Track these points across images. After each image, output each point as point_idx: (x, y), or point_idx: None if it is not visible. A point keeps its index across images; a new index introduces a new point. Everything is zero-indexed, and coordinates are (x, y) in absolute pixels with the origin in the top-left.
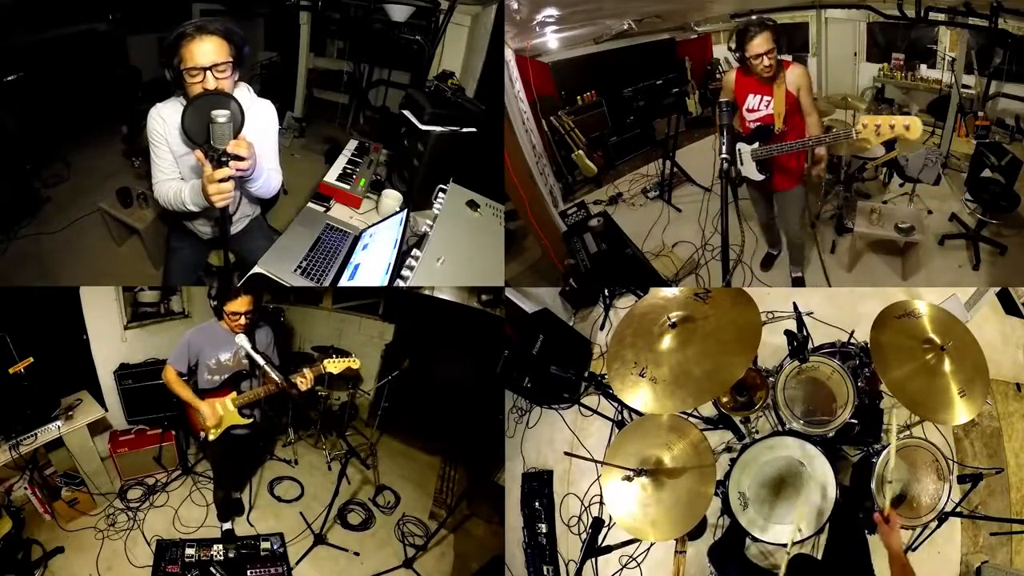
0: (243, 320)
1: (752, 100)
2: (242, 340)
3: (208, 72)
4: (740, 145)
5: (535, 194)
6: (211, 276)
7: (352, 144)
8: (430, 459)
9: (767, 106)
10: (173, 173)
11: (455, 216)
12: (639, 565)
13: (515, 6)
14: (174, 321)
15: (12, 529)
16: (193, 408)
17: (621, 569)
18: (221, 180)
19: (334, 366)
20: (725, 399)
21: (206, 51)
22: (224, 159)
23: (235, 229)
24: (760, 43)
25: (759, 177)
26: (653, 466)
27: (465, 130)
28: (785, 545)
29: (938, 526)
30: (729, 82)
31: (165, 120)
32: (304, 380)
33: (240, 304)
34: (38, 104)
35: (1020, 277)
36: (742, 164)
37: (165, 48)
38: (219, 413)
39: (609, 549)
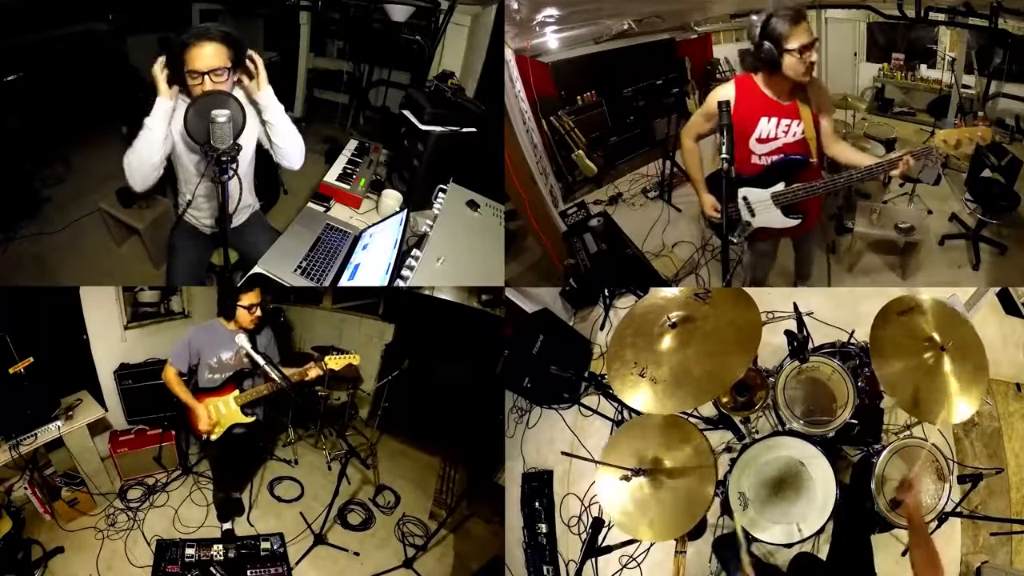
0: (259, 312)
1: (766, 125)
2: (242, 340)
3: (206, 76)
4: (746, 192)
5: (535, 194)
6: (212, 276)
7: (352, 144)
8: (430, 459)
9: (788, 132)
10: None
11: (455, 216)
12: (639, 565)
13: (515, 6)
14: (174, 321)
15: (12, 529)
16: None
17: (621, 569)
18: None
19: (335, 363)
20: (725, 399)
21: (205, 56)
22: (224, 159)
23: (237, 221)
24: (806, 31)
25: (789, 223)
26: (652, 466)
27: (465, 130)
28: (788, 545)
29: (938, 526)
30: (725, 97)
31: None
32: (313, 371)
33: (254, 296)
34: (38, 104)
35: (1020, 277)
36: (752, 216)
37: (171, 53)
38: (215, 417)
39: (609, 549)
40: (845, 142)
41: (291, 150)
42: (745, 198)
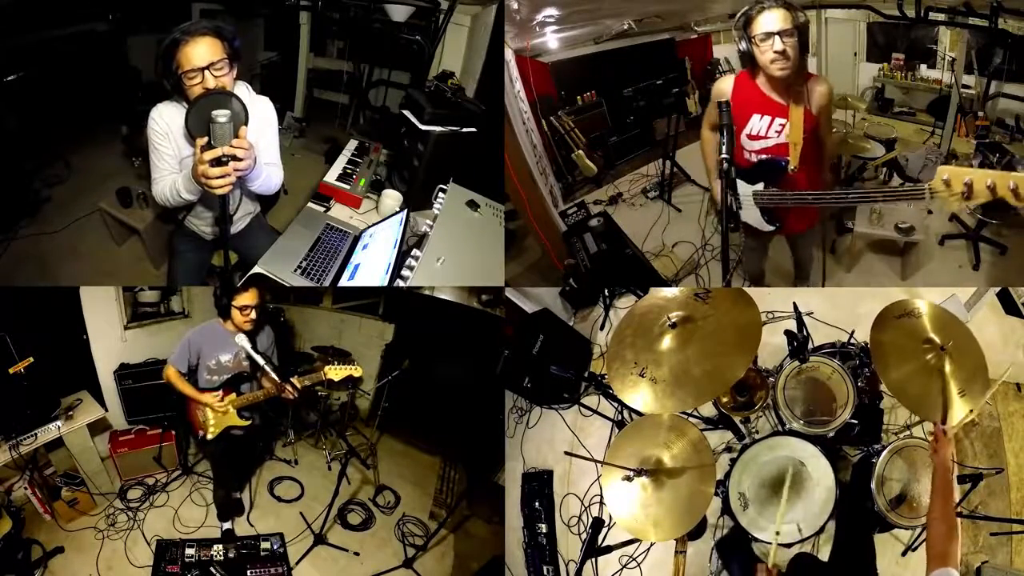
0: (253, 314)
1: (757, 122)
2: (242, 340)
3: (206, 72)
4: (737, 185)
5: (535, 194)
6: (214, 277)
7: (352, 144)
8: (430, 459)
9: (779, 133)
10: (172, 170)
11: (455, 216)
12: (639, 565)
13: (515, 6)
14: (174, 321)
15: (12, 529)
16: (195, 404)
17: (621, 569)
18: (213, 163)
19: (335, 373)
20: (725, 399)
21: (201, 52)
22: (224, 159)
23: (237, 228)
24: (772, 18)
25: (766, 228)
26: (653, 466)
27: (465, 130)
28: (788, 545)
29: None
30: (720, 93)
31: (167, 120)
32: (299, 384)
33: (248, 297)
34: (38, 104)
35: (1020, 277)
36: (740, 208)
37: (160, 55)
38: (226, 403)
39: (609, 549)
40: (827, 150)
41: (265, 189)
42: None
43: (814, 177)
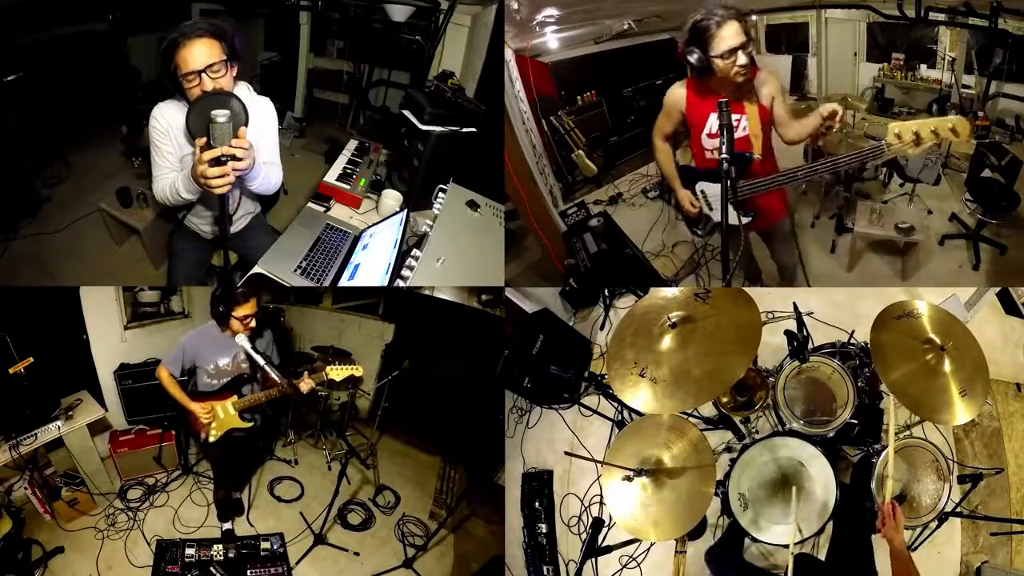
0: (253, 322)
1: (713, 121)
2: (242, 340)
3: (203, 75)
4: (702, 186)
5: (535, 194)
6: (213, 277)
7: (352, 144)
8: (430, 459)
9: (736, 127)
10: (173, 169)
11: (455, 216)
12: (639, 565)
13: (515, 6)
14: (174, 321)
15: (12, 529)
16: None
17: (621, 569)
18: (212, 163)
19: (336, 373)
20: (725, 399)
21: (197, 55)
22: (224, 159)
23: (237, 227)
24: (730, 33)
25: (743, 221)
26: (653, 466)
27: (465, 130)
28: (787, 546)
29: (938, 526)
30: (675, 101)
31: (168, 119)
32: (305, 384)
33: (249, 308)
34: (38, 104)
35: (1020, 277)
36: (712, 210)
37: (160, 56)
38: (215, 414)
39: (609, 549)
40: (793, 124)
41: (265, 189)
42: (703, 192)
43: (770, 166)
